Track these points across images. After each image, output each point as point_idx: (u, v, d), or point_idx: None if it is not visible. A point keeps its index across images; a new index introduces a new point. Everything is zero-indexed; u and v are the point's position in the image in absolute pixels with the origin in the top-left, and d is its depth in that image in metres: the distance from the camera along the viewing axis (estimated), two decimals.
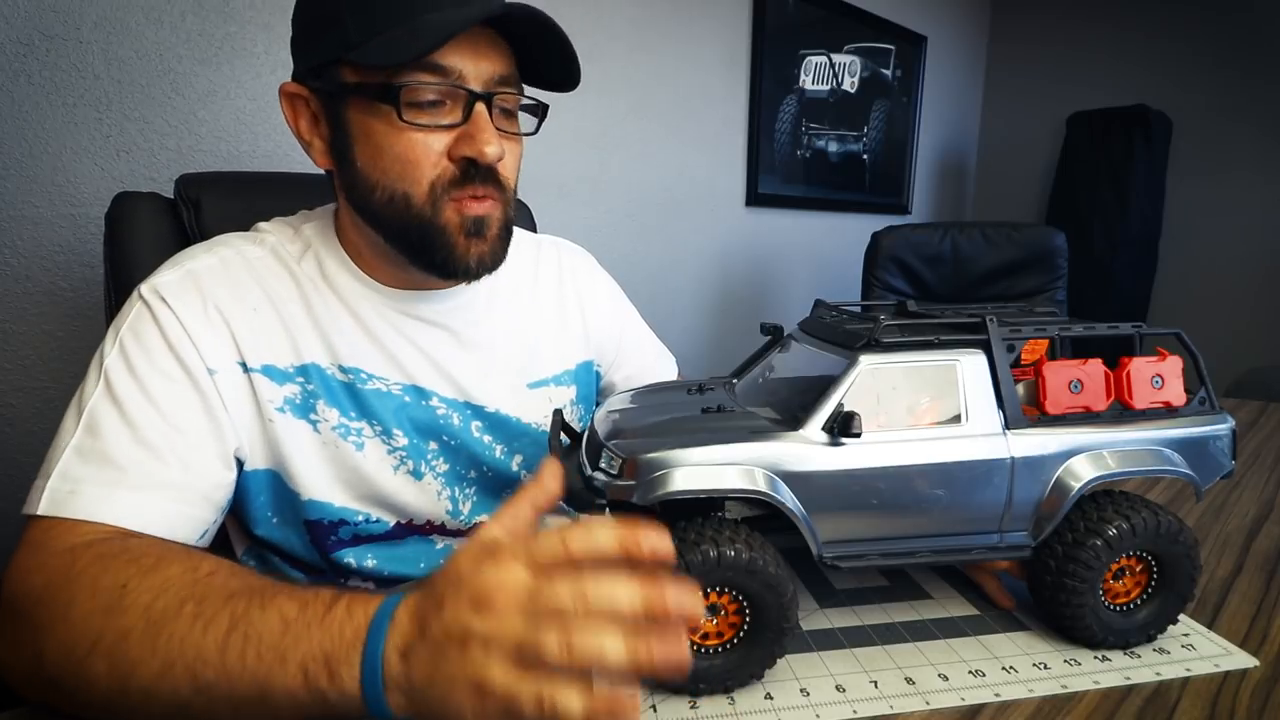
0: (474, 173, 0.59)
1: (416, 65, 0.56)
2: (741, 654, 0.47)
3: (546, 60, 0.62)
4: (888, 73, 2.64)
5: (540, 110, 0.67)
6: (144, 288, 0.60)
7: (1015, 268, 1.95)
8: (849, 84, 2.51)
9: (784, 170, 2.37)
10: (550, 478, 0.43)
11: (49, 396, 1.10)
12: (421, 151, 0.58)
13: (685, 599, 0.36)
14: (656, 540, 0.37)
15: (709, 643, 0.46)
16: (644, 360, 0.89)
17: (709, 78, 2.10)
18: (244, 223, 0.71)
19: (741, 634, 0.47)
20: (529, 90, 0.66)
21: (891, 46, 2.63)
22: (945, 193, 3.12)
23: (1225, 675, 0.48)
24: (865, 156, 2.65)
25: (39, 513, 0.50)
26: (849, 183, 2.62)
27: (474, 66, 0.58)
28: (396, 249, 0.63)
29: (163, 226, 0.81)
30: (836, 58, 2.45)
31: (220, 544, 0.75)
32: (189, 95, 1.18)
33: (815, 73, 2.38)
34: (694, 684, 0.46)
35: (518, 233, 0.82)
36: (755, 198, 2.29)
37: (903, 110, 2.75)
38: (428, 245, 0.61)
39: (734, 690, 0.47)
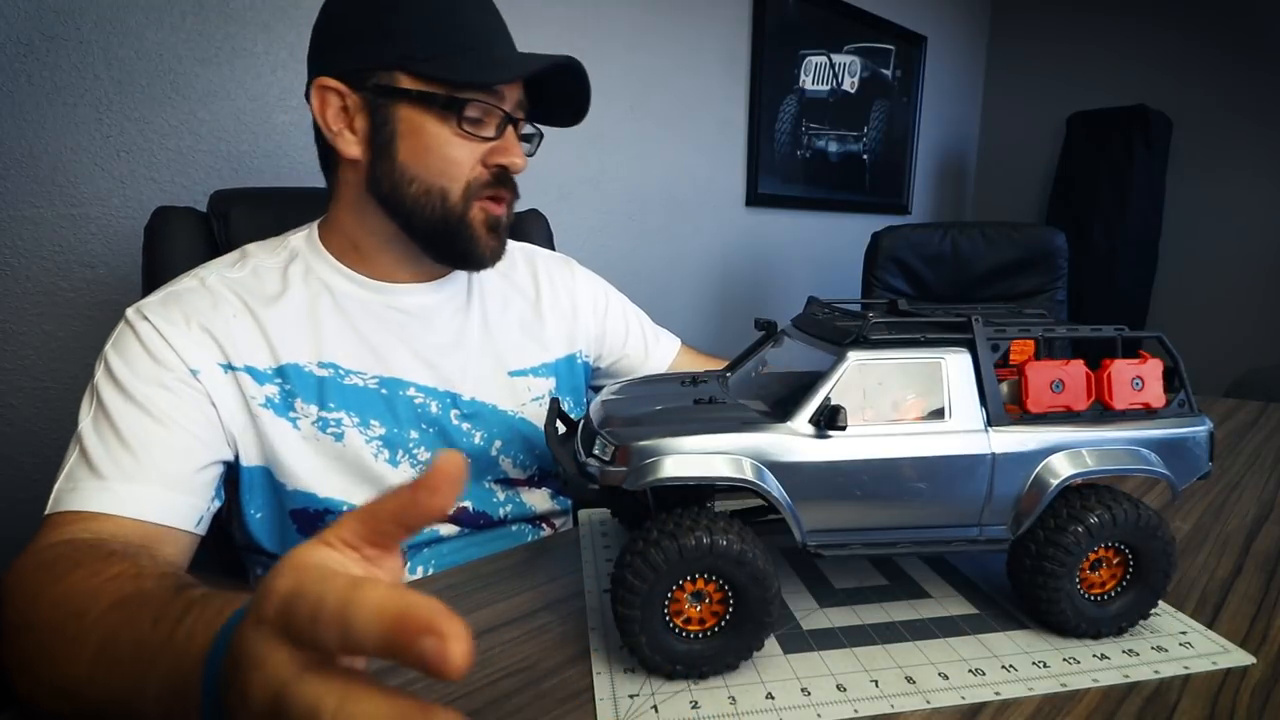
0: (504, 179, 0.71)
1: (477, 87, 0.66)
2: (721, 643, 0.48)
3: (562, 101, 0.74)
4: (888, 73, 2.65)
5: (539, 138, 0.79)
6: (129, 311, 0.65)
7: (1015, 268, 1.95)
8: (849, 84, 2.51)
9: (784, 170, 2.37)
10: (437, 482, 0.28)
11: (49, 397, 1.11)
12: (465, 155, 0.68)
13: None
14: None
15: (691, 628, 0.47)
16: (638, 344, 0.95)
17: (709, 78, 2.10)
18: (269, 235, 0.77)
19: (723, 623, 0.48)
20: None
21: (891, 46, 2.63)
22: (945, 193, 3.12)
23: (1225, 675, 0.48)
24: (865, 156, 2.65)
25: (46, 512, 0.55)
26: (849, 183, 2.62)
27: (509, 94, 0.70)
28: (415, 237, 0.71)
29: (195, 239, 0.87)
30: (836, 58, 2.45)
31: (220, 548, 0.75)
32: (189, 95, 1.18)
33: (815, 73, 2.39)
34: (671, 665, 0.47)
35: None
36: (755, 198, 2.29)
37: (903, 110, 2.75)
38: (453, 238, 0.70)
39: (709, 676, 0.48)
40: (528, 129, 0.76)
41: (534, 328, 0.84)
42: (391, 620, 0.23)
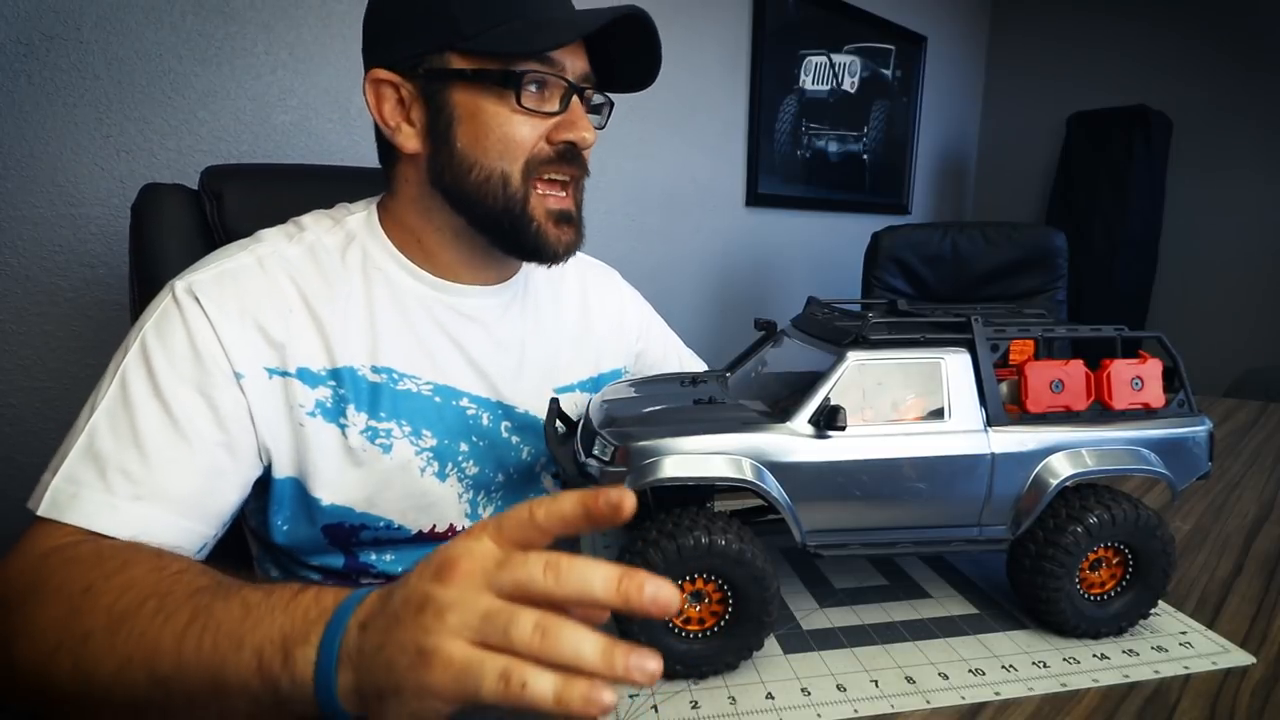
0: (570, 155, 0.65)
1: (533, 57, 0.61)
2: (720, 643, 0.48)
3: (629, 61, 0.67)
4: (888, 73, 2.64)
5: (609, 107, 0.72)
6: (178, 284, 0.59)
7: (1015, 268, 1.95)
8: (849, 84, 2.51)
9: (784, 170, 2.37)
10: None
11: (49, 396, 1.10)
12: (526, 132, 0.63)
13: (662, 590, 0.33)
14: (615, 493, 0.34)
15: (690, 628, 0.48)
16: (674, 369, 0.91)
17: (709, 78, 2.10)
18: (265, 216, 0.71)
19: (722, 623, 0.48)
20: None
21: (891, 46, 2.63)
22: (945, 193, 3.12)
23: (1225, 675, 0.48)
24: (865, 156, 2.65)
25: (40, 513, 0.50)
26: (849, 183, 2.62)
27: (571, 62, 0.63)
28: (481, 230, 0.66)
29: (186, 218, 0.81)
30: (836, 58, 2.45)
31: (236, 550, 0.75)
32: (189, 95, 1.18)
33: (815, 73, 2.38)
34: (671, 665, 0.47)
35: None
36: (755, 198, 2.29)
37: (903, 110, 2.75)
38: (519, 231, 0.65)
39: (709, 676, 0.48)
40: (597, 98, 0.70)
41: (584, 340, 0.81)
42: (582, 493, 0.35)
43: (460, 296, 0.70)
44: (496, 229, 0.65)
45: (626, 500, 0.34)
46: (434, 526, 0.70)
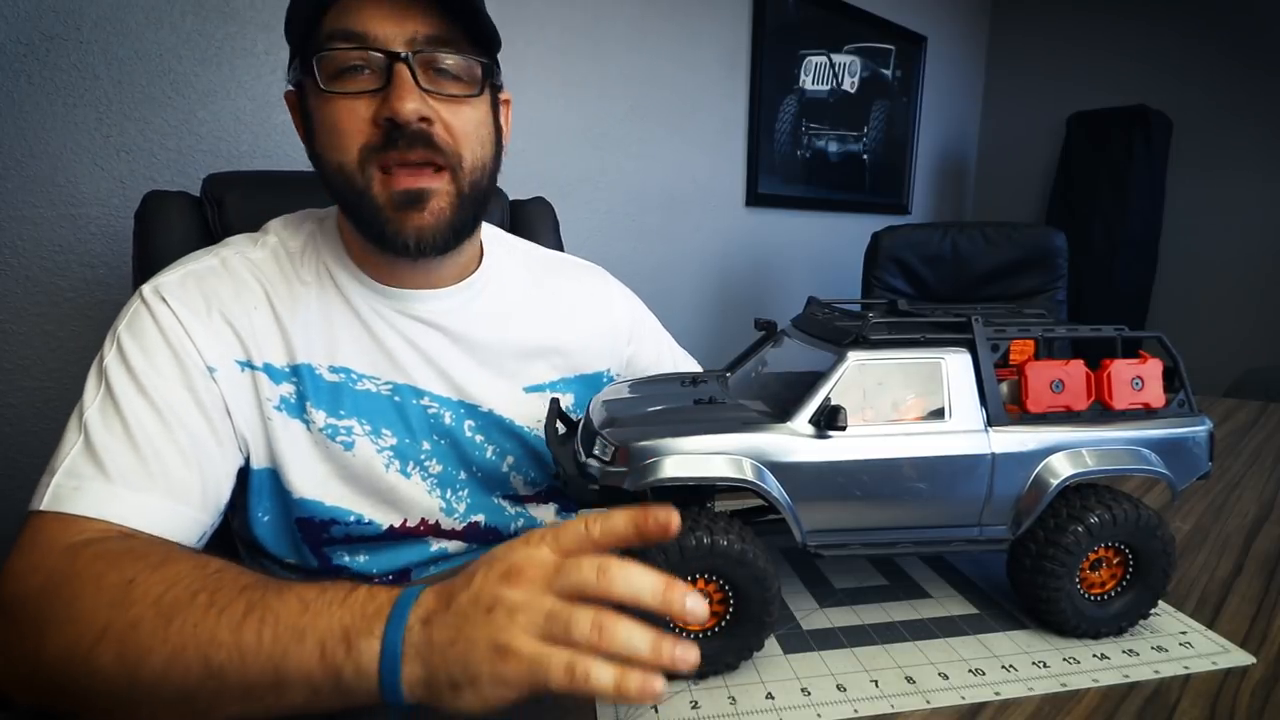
0: (398, 135, 0.58)
1: (330, 34, 0.57)
2: (721, 643, 0.48)
3: (462, 14, 0.60)
4: (888, 73, 2.64)
5: (485, 70, 0.62)
6: (145, 288, 0.61)
7: (1015, 268, 1.95)
8: (849, 84, 2.51)
9: (784, 170, 2.37)
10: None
11: (49, 396, 1.10)
12: (346, 117, 0.58)
13: (700, 605, 0.39)
14: (663, 513, 0.40)
15: (691, 628, 0.48)
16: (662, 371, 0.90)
17: (709, 78, 2.10)
18: (265, 222, 0.72)
19: (723, 623, 0.48)
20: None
21: (891, 46, 2.63)
22: (945, 193, 3.12)
23: (1225, 675, 0.48)
24: (865, 156, 2.65)
25: (42, 508, 0.50)
26: (849, 183, 2.62)
27: (394, 29, 0.57)
28: (354, 225, 0.65)
29: (188, 224, 0.83)
30: (836, 58, 2.45)
31: (224, 547, 0.75)
32: (189, 95, 1.18)
33: (815, 73, 2.38)
34: None
35: (530, 249, 0.85)
36: (755, 198, 2.29)
37: (903, 110, 2.75)
38: (366, 218, 0.62)
39: (709, 676, 0.48)
40: (448, 60, 0.60)
41: (560, 340, 0.79)
42: (633, 511, 0.40)
43: (411, 302, 0.69)
44: (355, 219, 0.63)
45: (674, 518, 0.40)
46: (405, 521, 0.70)
